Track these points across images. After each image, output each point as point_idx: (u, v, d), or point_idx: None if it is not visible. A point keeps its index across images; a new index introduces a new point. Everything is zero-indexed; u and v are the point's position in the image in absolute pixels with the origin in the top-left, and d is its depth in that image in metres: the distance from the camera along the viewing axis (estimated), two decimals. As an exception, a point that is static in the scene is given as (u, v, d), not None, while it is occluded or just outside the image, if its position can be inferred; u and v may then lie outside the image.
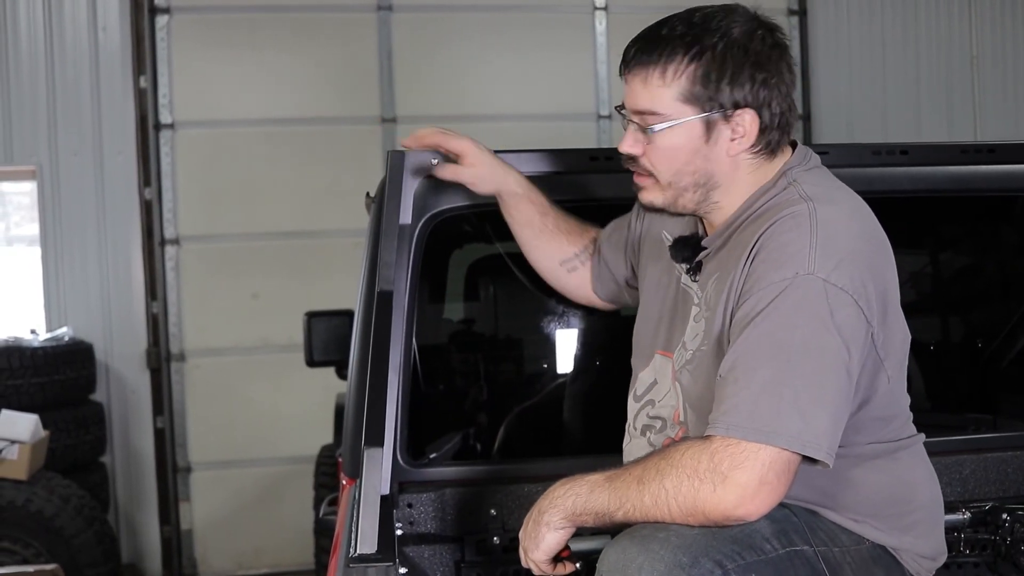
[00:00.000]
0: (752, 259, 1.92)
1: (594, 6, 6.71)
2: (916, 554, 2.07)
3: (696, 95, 1.94)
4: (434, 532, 2.52)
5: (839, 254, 1.86)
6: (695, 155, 1.97)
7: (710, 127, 1.96)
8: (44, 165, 6.22)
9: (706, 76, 1.93)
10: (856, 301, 1.86)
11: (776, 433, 1.80)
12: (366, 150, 6.40)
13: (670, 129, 1.96)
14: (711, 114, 1.95)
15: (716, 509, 1.81)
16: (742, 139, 1.97)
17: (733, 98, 1.94)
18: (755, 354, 1.84)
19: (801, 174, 2.01)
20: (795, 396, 1.81)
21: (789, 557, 1.92)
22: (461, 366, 3.36)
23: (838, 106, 7.08)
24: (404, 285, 2.40)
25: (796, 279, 1.84)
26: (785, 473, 1.82)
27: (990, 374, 3.16)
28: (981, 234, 3.26)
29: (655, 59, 1.94)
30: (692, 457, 1.83)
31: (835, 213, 1.92)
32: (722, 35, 1.93)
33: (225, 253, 6.43)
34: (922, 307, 3.31)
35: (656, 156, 1.99)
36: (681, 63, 1.93)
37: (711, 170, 1.99)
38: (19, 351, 5.66)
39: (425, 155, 2.44)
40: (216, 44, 6.41)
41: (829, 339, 1.83)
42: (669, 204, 2.04)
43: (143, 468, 6.34)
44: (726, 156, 1.98)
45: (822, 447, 1.82)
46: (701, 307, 2.05)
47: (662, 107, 1.95)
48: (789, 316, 1.84)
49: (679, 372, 2.08)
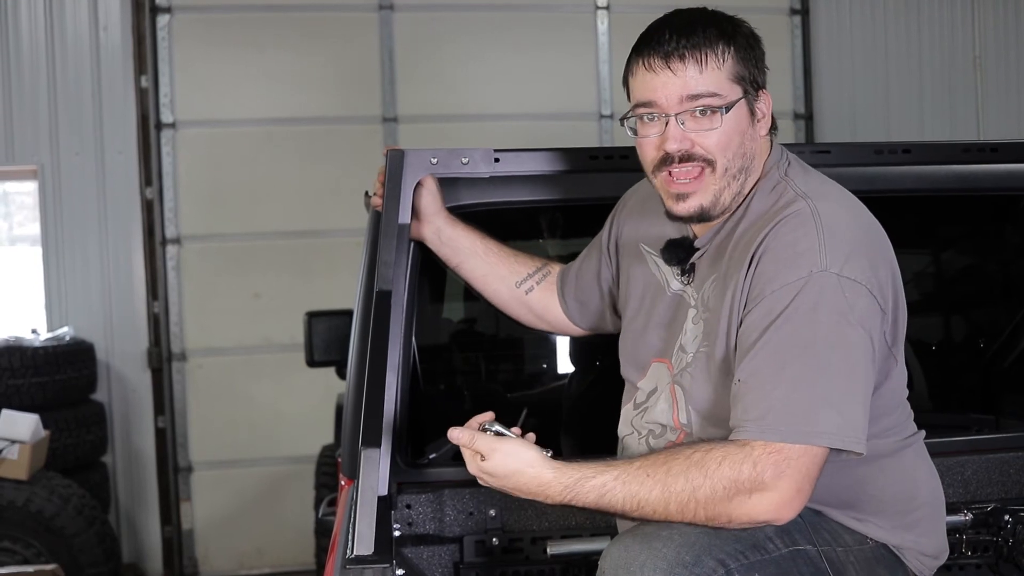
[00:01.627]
0: (758, 260, 1.92)
1: (596, 5, 6.69)
2: (919, 552, 2.07)
3: (741, 76, 1.98)
4: (433, 533, 2.51)
5: (847, 247, 1.88)
6: (745, 136, 2.00)
7: (751, 107, 2.00)
8: (45, 165, 6.21)
9: (744, 58, 1.98)
10: (870, 291, 1.88)
11: (815, 432, 1.81)
12: (368, 149, 6.38)
13: (732, 111, 1.96)
14: (750, 95, 1.99)
15: (747, 515, 1.82)
16: (765, 119, 2.02)
17: (760, 79, 2.01)
18: (781, 355, 1.84)
19: (789, 168, 2.04)
20: (827, 392, 1.82)
21: (792, 556, 1.92)
22: (461, 366, 3.34)
23: (840, 105, 7.07)
24: (403, 285, 2.39)
25: (811, 277, 1.85)
26: (816, 478, 1.84)
27: (993, 374, 3.14)
28: (983, 234, 3.25)
29: (704, 44, 1.95)
30: (731, 467, 1.81)
31: (834, 207, 1.94)
32: (735, 22, 2.01)
33: (226, 252, 6.42)
34: (924, 307, 3.30)
35: (716, 140, 1.96)
36: (725, 46, 1.96)
37: (754, 151, 2.02)
38: (20, 351, 5.65)
39: (425, 154, 2.43)
40: (217, 43, 6.40)
41: (852, 332, 1.85)
42: (715, 202, 2.00)
43: (144, 468, 6.33)
44: (758, 137, 2.02)
45: (861, 440, 1.84)
46: (698, 309, 2.05)
47: (723, 88, 1.96)
48: (810, 314, 1.84)
49: (679, 376, 2.07)
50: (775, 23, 6.86)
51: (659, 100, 1.96)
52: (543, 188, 2.56)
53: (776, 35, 6.82)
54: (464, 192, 2.48)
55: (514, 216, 2.77)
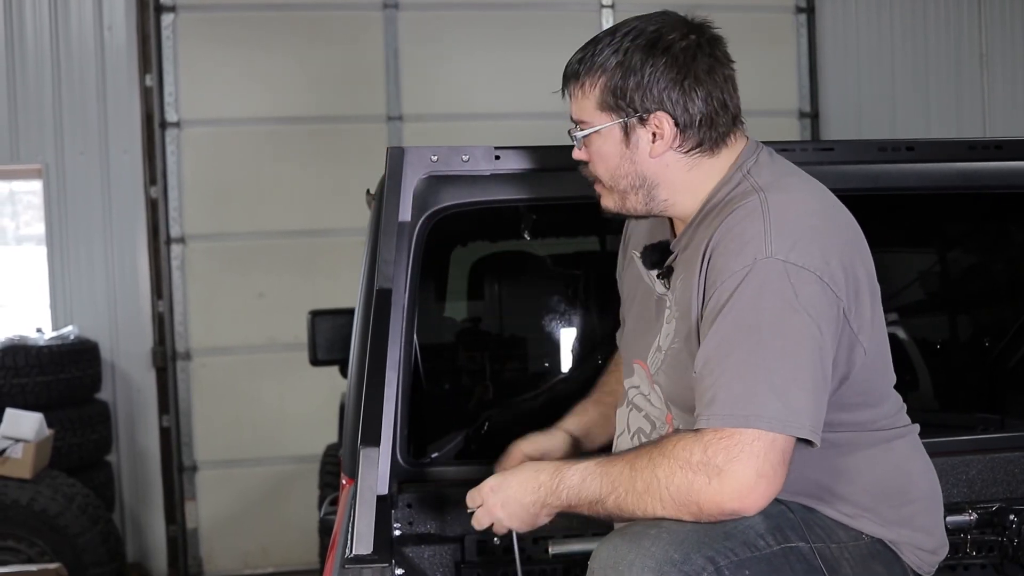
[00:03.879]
0: (710, 255, 1.95)
1: (601, 4, 6.69)
2: (915, 547, 2.06)
3: (609, 104, 2.04)
4: (434, 532, 2.50)
5: (794, 235, 1.89)
6: (621, 158, 2.07)
7: (628, 131, 2.05)
8: (50, 164, 6.22)
9: (616, 86, 2.03)
10: (820, 278, 1.88)
11: (756, 416, 1.80)
12: (372, 148, 6.34)
13: (594, 135, 2.07)
14: (627, 119, 2.03)
15: (711, 502, 1.81)
16: (661, 140, 2.04)
17: (644, 104, 2.02)
18: (725, 343, 1.86)
19: (754, 167, 2.05)
20: (769, 377, 1.82)
21: (784, 553, 1.91)
22: (463, 364, 3.33)
23: (846, 104, 7.05)
24: (404, 283, 2.38)
25: (755, 264, 1.87)
26: (781, 464, 1.82)
27: (998, 374, 3.13)
28: (988, 232, 3.23)
29: (578, 74, 2.07)
30: (684, 448, 1.83)
31: (786, 198, 1.96)
32: (632, 47, 2.01)
33: (231, 252, 6.42)
34: (929, 306, 3.29)
35: (593, 161, 2.11)
36: (595, 75, 2.04)
37: (641, 171, 2.07)
38: (25, 350, 5.66)
39: (425, 151, 2.42)
40: (222, 42, 6.40)
41: (796, 318, 1.84)
42: (620, 207, 2.12)
43: (149, 467, 6.33)
44: (649, 157, 2.05)
45: (804, 425, 1.83)
46: (672, 308, 2.07)
47: (587, 116, 2.08)
48: (753, 300, 1.86)
49: (655, 375, 2.10)
50: (781, 21, 6.84)
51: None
52: (544, 186, 2.55)
53: (782, 33, 6.81)
54: (465, 190, 2.47)
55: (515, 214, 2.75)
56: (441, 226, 2.53)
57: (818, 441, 1.85)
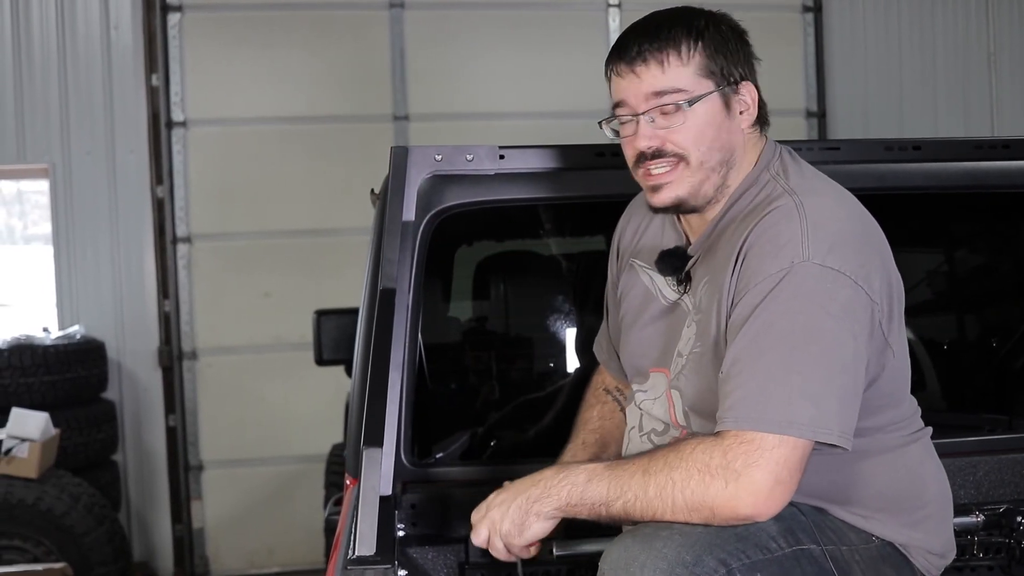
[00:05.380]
0: (744, 257, 1.92)
1: (607, 3, 6.67)
2: (926, 551, 2.05)
3: (711, 69, 1.99)
4: (438, 533, 2.49)
5: (831, 238, 1.87)
6: (720, 129, 2.00)
7: (727, 100, 2.00)
8: (57, 164, 6.22)
9: (715, 51, 1.99)
10: (856, 282, 1.86)
11: (790, 423, 1.79)
12: (378, 148, 6.29)
13: (700, 104, 1.97)
14: (725, 88, 1.99)
15: (727, 507, 1.80)
16: (748, 111, 2.02)
17: (739, 71, 2.01)
18: (758, 345, 1.83)
19: (781, 167, 2.03)
20: (804, 382, 1.80)
21: (796, 556, 1.89)
22: (468, 364, 3.33)
23: (853, 103, 7.03)
24: (408, 283, 2.37)
25: (792, 268, 1.85)
26: (798, 470, 1.82)
27: (1005, 374, 3.11)
28: (996, 231, 3.22)
29: (667, 43, 1.98)
30: (704, 452, 1.81)
31: (820, 202, 1.94)
32: (709, 17, 2.02)
33: (237, 251, 6.42)
34: (936, 305, 3.27)
35: (686, 135, 1.99)
36: (691, 43, 1.98)
37: (733, 144, 2.02)
38: (31, 349, 5.66)
39: (429, 150, 2.41)
40: (228, 42, 6.40)
41: (831, 323, 1.83)
42: (693, 193, 2.01)
43: (155, 466, 6.34)
44: (740, 130, 2.02)
45: (834, 431, 1.81)
46: (691, 313, 2.05)
47: (687, 84, 1.98)
48: (789, 304, 1.84)
49: (675, 380, 2.07)
50: (788, 20, 6.82)
51: (628, 100, 2.01)
52: (549, 185, 2.54)
53: (789, 32, 6.79)
54: (469, 190, 2.46)
55: (519, 214, 2.75)
56: (445, 226, 2.52)
57: (849, 447, 1.84)
